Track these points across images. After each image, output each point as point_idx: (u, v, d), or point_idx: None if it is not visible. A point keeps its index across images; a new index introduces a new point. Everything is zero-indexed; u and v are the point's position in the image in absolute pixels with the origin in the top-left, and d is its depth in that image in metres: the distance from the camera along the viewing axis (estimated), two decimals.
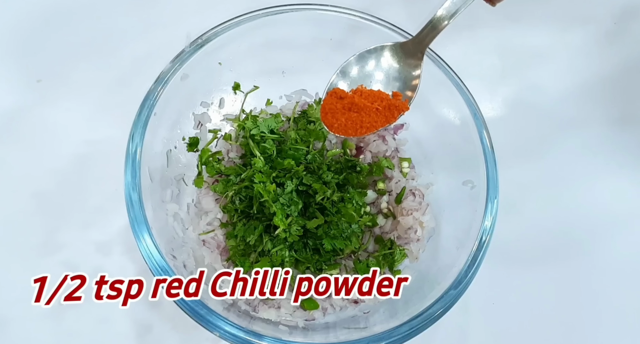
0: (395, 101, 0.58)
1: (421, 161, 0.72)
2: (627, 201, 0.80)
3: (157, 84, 0.60)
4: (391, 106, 0.58)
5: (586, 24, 0.89)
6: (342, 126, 0.58)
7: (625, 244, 0.77)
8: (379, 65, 0.60)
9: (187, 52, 0.62)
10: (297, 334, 0.59)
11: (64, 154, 0.74)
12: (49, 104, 0.76)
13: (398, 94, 0.59)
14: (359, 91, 0.59)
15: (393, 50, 0.60)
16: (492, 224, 0.60)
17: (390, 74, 0.60)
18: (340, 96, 0.59)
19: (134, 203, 0.55)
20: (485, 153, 0.63)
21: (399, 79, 0.60)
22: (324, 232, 0.64)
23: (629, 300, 0.75)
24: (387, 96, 0.59)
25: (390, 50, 0.60)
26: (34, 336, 0.66)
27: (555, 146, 0.82)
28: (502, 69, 0.86)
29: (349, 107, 0.58)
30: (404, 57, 0.60)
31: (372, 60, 0.60)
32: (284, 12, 0.64)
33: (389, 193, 0.71)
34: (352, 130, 0.58)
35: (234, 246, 0.65)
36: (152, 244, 0.54)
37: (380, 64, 0.60)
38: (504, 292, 0.73)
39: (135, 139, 0.57)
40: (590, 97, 0.85)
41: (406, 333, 0.55)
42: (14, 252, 0.69)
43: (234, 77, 0.70)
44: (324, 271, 0.65)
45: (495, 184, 0.62)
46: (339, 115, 0.58)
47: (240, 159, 0.69)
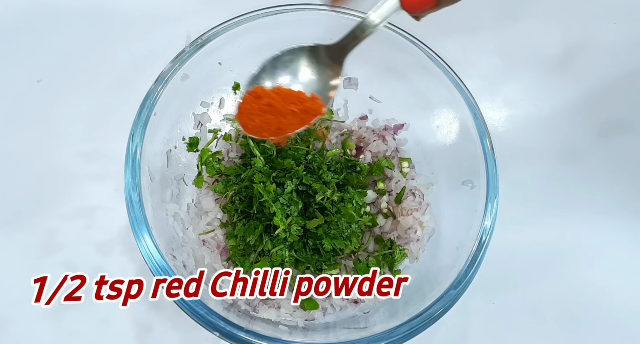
0: (312, 104, 0.57)
1: (421, 161, 0.72)
2: None
3: (157, 84, 0.60)
4: (308, 109, 0.57)
5: (586, 24, 0.89)
6: (257, 127, 0.57)
7: None
8: (300, 66, 0.58)
9: (187, 52, 0.62)
10: (297, 334, 0.59)
11: (64, 154, 0.74)
12: (49, 104, 0.76)
13: (316, 97, 0.58)
14: (277, 90, 0.57)
15: (316, 52, 0.58)
16: (492, 224, 0.60)
17: (310, 76, 0.59)
18: (258, 95, 0.57)
19: (134, 203, 0.55)
20: (485, 153, 0.63)
21: (318, 82, 0.58)
22: (324, 232, 0.64)
23: (629, 299, 0.75)
24: (306, 98, 0.57)
25: (313, 52, 0.58)
26: (34, 336, 0.66)
27: (555, 146, 0.82)
28: (502, 68, 0.86)
29: (265, 109, 0.57)
30: (326, 61, 0.58)
31: (295, 60, 0.58)
32: (283, 12, 0.64)
33: (389, 193, 0.71)
34: (267, 132, 0.57)
35: (234, 246, 0.65)
36: (152, 244, 0.55)
37: (301, 64, 0.58)
38: (504, 292, 0.73)
39: (135, 139, 0.57)
40: (591, 96, 0.85)
41: (406, 333, 0.55)
42: (14, 252, 0.69)
43: (234, 77, 0.70)
44: (323, 271, 0.65)
45: (495, 184, 0.62)
46: (254, 116, 0.57)
47: (240, 159, 0.69)
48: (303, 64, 0.58)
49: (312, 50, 0.58)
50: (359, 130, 0.74)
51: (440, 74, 0.65)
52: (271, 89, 0.58)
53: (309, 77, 0.58)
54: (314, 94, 0.58)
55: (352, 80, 0.72)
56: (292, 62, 0.58)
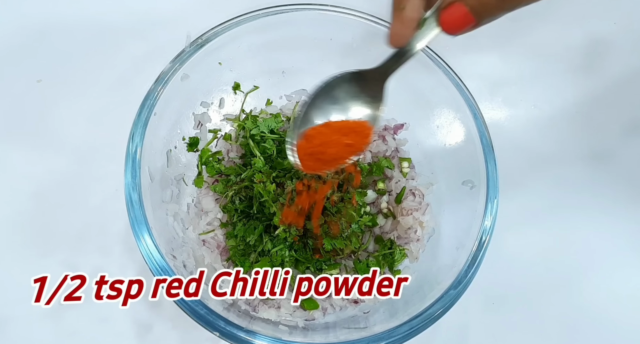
0: (362, 130, 0.55)
1: (421, 161, 0.72)
2: None
3: (157, 84, 0.60)
4: (360, 136, 0.55)
5: (587, 24, 0.89)
6: (313, 167, 0.56)
7: None
8: (347, 96, 0.55)
9: (187, 52, 0.61)
10: (297, 334, 0.59)
11: (64, 154, 0.74)
12: (49, 104, 0.76)
13: (363, 123, 0.55)
14: (327, 125, 0.55)
15: (359, 79, 0.55)
16: (492, 224, 0.60)
17: (358, 106, 0.55)
18: (310, 136, 0.55)
19: (134, 203, 0.55)
20: (485, 153, 0.63)
21: (366, 111, 0.55)
22: (324, 232, 0.64)
23: (630, 300, 0.75)
24: (356, 126, 0.55)
25: (356, 80, 0.55)
26: (34, 336, 0.66)
27: (555, 146, 0.82)
28: (502, 68, 0.86)
29: (320, 150, 0.55)
30: (370, 88, 0.55)
31: (340, 90, 0.55)
32: (284, 12, 0.64)
33: (389, 193, 0.71)
34: (325, 166, 0.56)
35: (234, 246, 0.65)
36: (152, 244, 0.54)
37: (347, 94, 0.55)
38: (504, 292, 0.73)
39: (135, 139, 0.57)
40: (591, 96, 0.85)
41: (406, 333, 0.55)
42: (14, 252, 0.69)
43: (234, 77, 0.70)
44: (323, 271, 0.65)
45: (495, 184, 0.62)
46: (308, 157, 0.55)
47: (240, 159, 0.69)
48: (348, 93, 0.55)
49: (355, 77, 0.55)
50: None
51: (440, 74, 0.65)
52: (322, 125, 0.55)
53: (356, 106, 0.55)
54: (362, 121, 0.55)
55: None
56: (337, 93, 0.55)
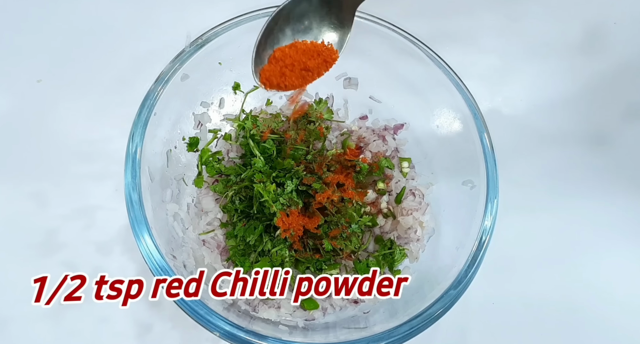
0: (328, 54, 0.58)
1: (421, 161, 0.72)
2: None
3: (157, 84, 0.60)
4: (325, 59, 0.58)
5: (586, 24, 0.89)
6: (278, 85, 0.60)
7: None
8: (313, 17, 0.58)
9: (187, 52, 0.62)
10: (297, 334, 0.59)
11: (64, 154, 0.74)
12: (49, 104, 0.76)
13: (331, 47, 0.59)
14: (294, 46, 0.58)
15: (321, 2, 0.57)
16: (492, 224, 0.60)
17: (325, 27, 0.59)
18: (276, 58, 0.58)
19: (134, 203, 0.55)
20: (485, 153, 0.63)
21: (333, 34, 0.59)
22: (324, 232, 0.64)
23: (630, 299, 0.75)
24: (322, 49, 0.58)
25: (319, 3, 0.57)
26: (35, 335, 0.66)
27: (556, 146, 0.82)
28: (502, 68, 0.86)
29: (284, 71, 0.59)
30: (334, 12, 0.58)
31: (307, 10, 0.58)
32: None
33: (389, 193, 0.71)
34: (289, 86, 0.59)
35: (234, 246, 0.65)
36: (152, 244, 0.55)
37: (314, 15, 0.58)
38: (504, 292, 0.73)
39: (135, 139, 0.57)
40: (591, 97, 0.85)
41: (406, 332, 0.55)
42: (14, 252, 0.69)
43: (234, 77, 0.70)
44: (323, 271, 0.65)
45: (495, 184, 0.62)
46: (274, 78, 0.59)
47: (240, 159, 0.69)
48: (316, 14, 0.58)
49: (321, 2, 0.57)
50: (359, 130, 0.74)
51: (440, 74, 0.65)
52: (287, 46, 0.58)
53: (323, 27, 0.59)
54: (330, 43, 0.59)
55: (352, 80, 0.72)
56: (305, 13, 0.58)
